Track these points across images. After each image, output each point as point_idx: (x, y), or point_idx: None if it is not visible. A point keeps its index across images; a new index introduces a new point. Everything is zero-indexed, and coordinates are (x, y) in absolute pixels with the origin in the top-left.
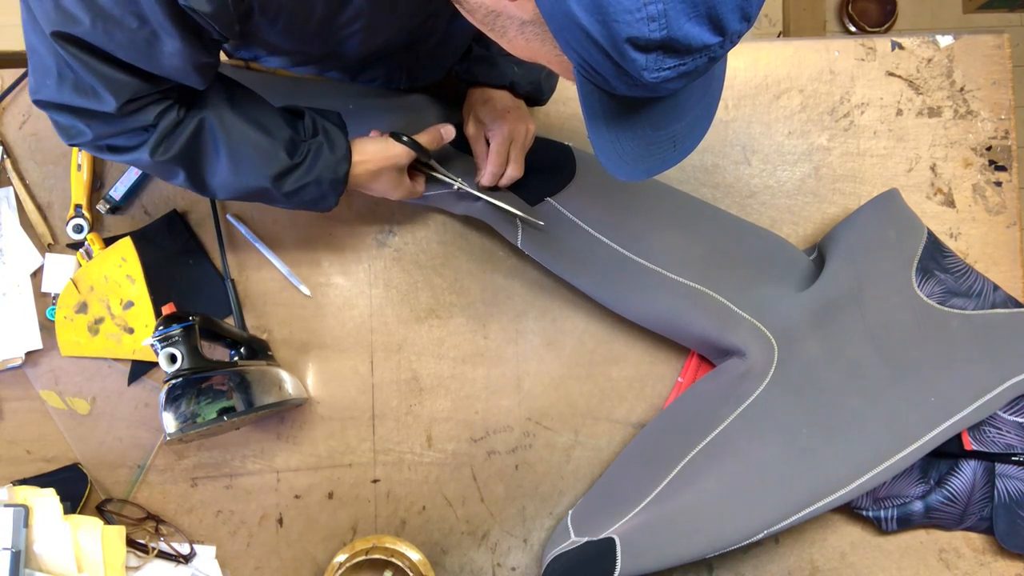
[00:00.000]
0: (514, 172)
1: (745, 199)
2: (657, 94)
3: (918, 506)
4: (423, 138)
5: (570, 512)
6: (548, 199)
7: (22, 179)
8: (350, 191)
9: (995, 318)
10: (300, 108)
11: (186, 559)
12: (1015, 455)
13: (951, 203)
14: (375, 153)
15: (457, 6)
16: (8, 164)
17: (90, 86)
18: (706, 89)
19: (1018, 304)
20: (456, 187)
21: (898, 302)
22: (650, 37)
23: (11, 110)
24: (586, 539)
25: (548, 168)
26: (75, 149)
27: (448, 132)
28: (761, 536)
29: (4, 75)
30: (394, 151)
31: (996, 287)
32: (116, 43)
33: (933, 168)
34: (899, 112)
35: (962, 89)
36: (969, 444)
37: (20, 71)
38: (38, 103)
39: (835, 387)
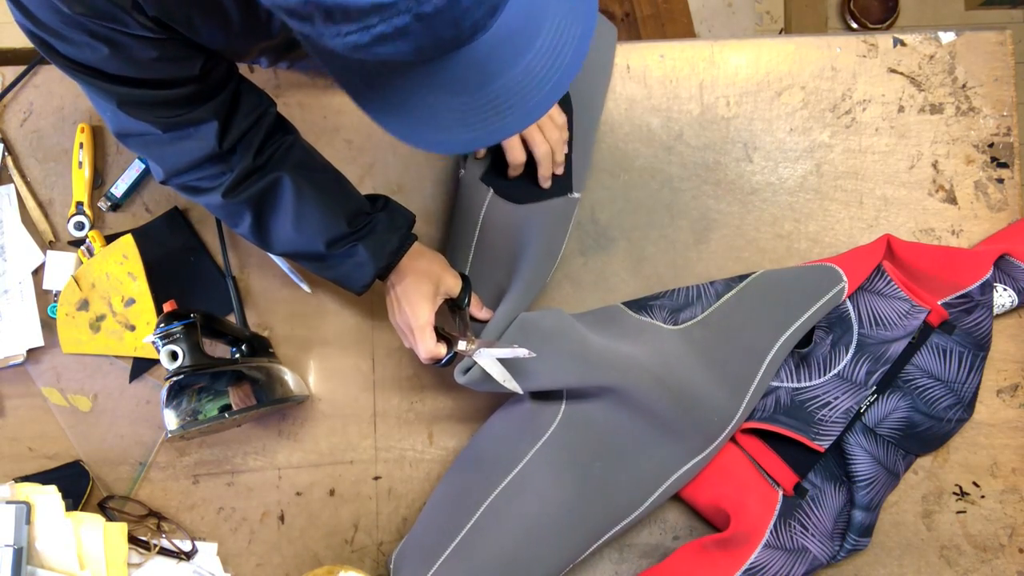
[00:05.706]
0: (545, 171)
1: (747, 196)
2: (380, 59)
3: (857, 514)
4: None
5: (393, 554)
6: None
7: (23, 176)
8: (382, 291)
9: (724, 308)
10: (379, 195)
11: (188, 556)
12: (858, 413)
13: (953, 200)
14: (431, 257)
15: None
16: (9, 161)
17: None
18: (529, 41)
19: (740, 278)
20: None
21: (652, 340)
22: (291, 5)
23: (12, 107)
24: None
25: None
26: (76, 146)
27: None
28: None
29: (5, 72)
30: (447, 271)
31: (711, 283)
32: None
33: (935, 165)
34: (901, 109)
35: (964, 86)
36: (821, 448)
37: (20, 68)
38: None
39: (623, 423)
